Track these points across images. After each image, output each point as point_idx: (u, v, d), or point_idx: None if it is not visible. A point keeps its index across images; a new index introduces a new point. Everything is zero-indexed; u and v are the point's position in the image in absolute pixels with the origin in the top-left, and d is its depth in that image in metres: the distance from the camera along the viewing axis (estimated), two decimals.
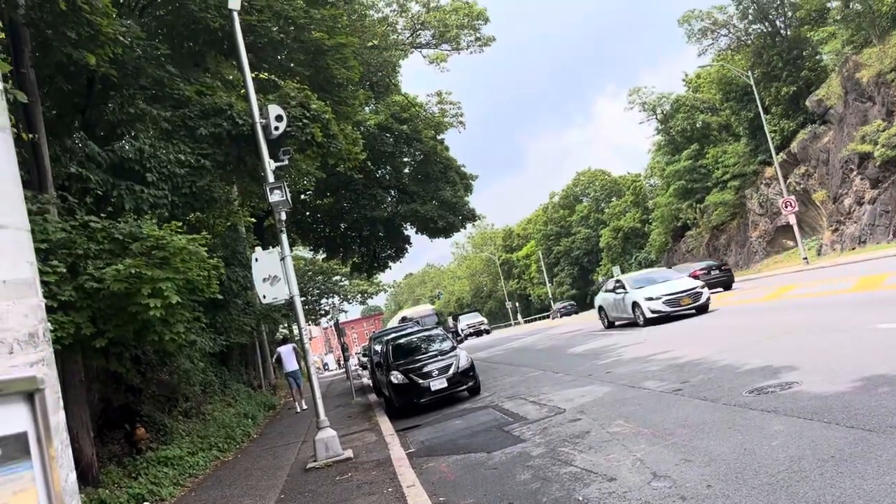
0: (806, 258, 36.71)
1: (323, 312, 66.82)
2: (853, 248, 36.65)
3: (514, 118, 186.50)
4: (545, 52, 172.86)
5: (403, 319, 45.77)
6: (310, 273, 57.32)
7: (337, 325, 32.45)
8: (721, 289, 29.75)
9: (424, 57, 32.96)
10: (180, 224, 10.84)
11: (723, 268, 32.01)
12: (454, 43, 31.43)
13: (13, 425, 1.83)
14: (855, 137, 37.28)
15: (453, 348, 16.62)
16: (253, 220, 29.31)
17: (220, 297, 12.01)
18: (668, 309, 20.83)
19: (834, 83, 41.11)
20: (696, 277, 25.60)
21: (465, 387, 15.53)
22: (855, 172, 38.07)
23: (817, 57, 46.36)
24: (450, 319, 66.07)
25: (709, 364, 11.48)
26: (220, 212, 16.33)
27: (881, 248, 33.39)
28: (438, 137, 34.87)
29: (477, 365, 16.75)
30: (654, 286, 22.03)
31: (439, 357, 15.97)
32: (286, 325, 41.94)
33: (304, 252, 46.08)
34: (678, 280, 22.48)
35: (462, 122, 36.64)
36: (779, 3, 48.69)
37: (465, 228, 46.72)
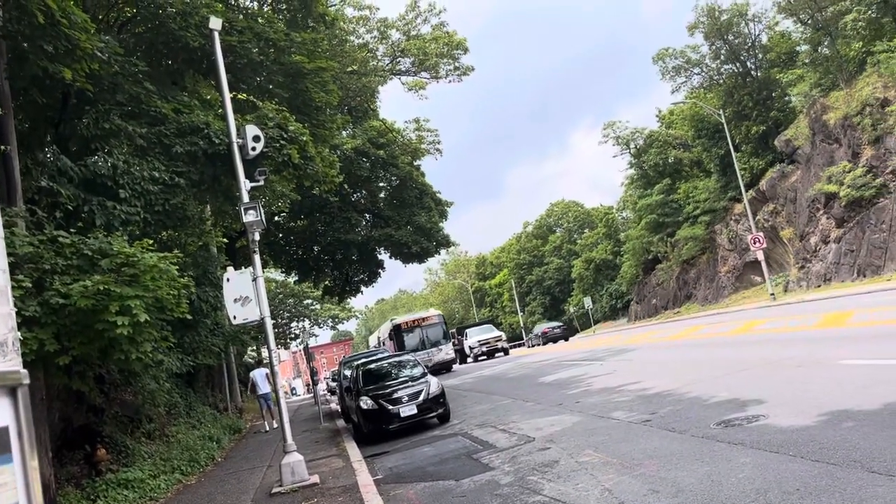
0: (773, 294, 37.31)
1: (293, 336, 66.22)
2: (819, 286, 37.32)
3: (491, 147, 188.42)
4: (524, 84, 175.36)
5: (397, 330, 37.84)
6: (281, 296, 56.86)
7: (306, 349, 32.14)
8: (563, 341, 50.08)
9: (403, 84, 33.23)
10: (152, 242, 10.73)
11: (562, 327, 54.16)
12: (433, 71, 31.72)
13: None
14: (821, 178, 38.17)
15: (424, 374, 16.53)
16: (225, 240, 29.06)
17: (189, 316, 11.84)
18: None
19: (802, 124, 42.15)
20: (544, 333, 51.77)
21: (434, 414, 15.43)
22: (821, 212, 38.90)
23: (786, 98, 47.52)
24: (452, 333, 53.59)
25: (677, 396, 11.56)
26: (192, 230, 16.18)
27: (845, 286, 34.07)
28: (415, 163, 35.05)
29: (447, 392, 16.68)
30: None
31: (410, 383, 15.87)
32: (255, 347, 41.46)
33: (276, 274, 45.75)
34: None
35: (439, 149, 36.90)
36: (750, 44, 50.00)
37: (438, 255, 46.84)
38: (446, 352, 37.89)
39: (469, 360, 45.38)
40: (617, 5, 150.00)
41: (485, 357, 43.70)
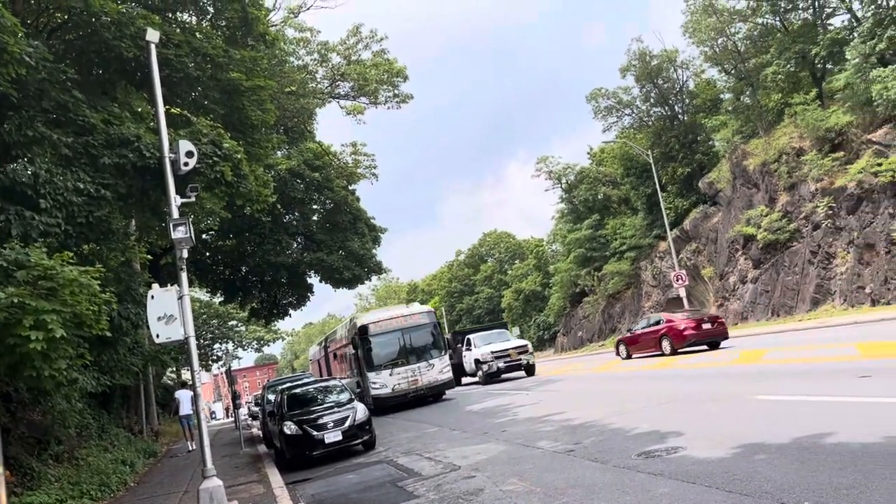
0: None
1: (215, 358, 64.39)
2: (736, 324, 38.79)
3: (429, 175, 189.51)
4: (465, 114, 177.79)
5: (363, 334, 24.65)
6: (204, 316, 55.33)
7: (229, 371, 31.29)
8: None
9: (342, 108, 33.19)
10: (72, 255, 10.33)
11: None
12: (373, 97, 31.83)
13: None
14: (741, 220, 39.93)
15: (350, 400, 16.32)
16: (149, 256, 28.19)
17: (108, 334, 11.41)
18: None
19: (724, 168, 44.09)
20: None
21: (360, 440, 15.23)
22: (740, 252, 40.61)
23: (710, 143, 49.68)
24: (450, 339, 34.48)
25: (600, 427, 11.78)
26: (116, 245, 15.62)
27: (761, 325, 35.55)
28: (350, 188, 34.92)
29: (373, 419, 16.51)
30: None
31: (336, 409, 15.65)
32: (174, 368, 40.08)
33: (201, 294, 44.50)
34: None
35: (375, 174, 36.91)
36: (678, 90, 52.20)
37: (370, 280, 46.53)
38: (440, 368, 24.60)
39: (475, 378, 30.20)
40: (559, 43, 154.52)
41: (500, 376, 29.11)
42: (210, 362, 63.55)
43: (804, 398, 10.84)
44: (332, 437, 14.77)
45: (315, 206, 34.98)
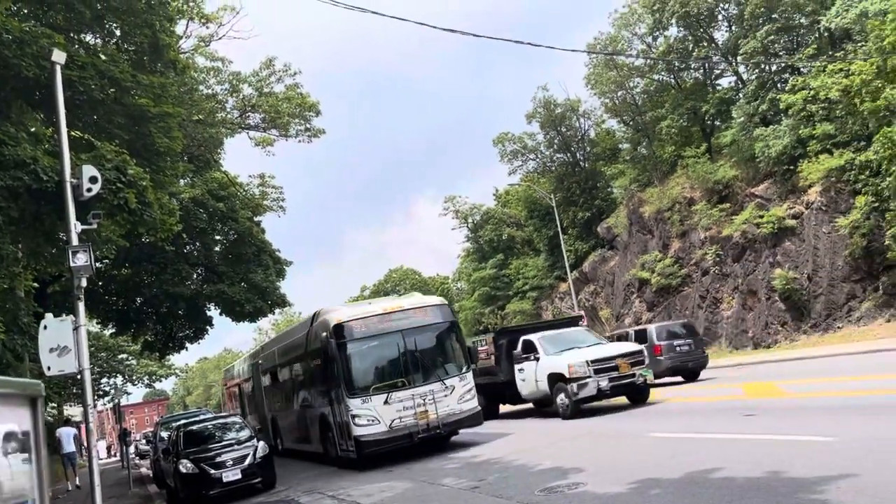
0: None
1: (101, 393, 60.88)
2: None
3: (336, 209, 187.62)
4: (377, 150, 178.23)
5: (338, 334, 15.15)
6: (93, 349, 52.44)
7: (117, 407, 29.79)
8: None
9: (251, 139, 32.74)
10: None
11: None
12: (283, 129, 31.57)
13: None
14: (636, 264, 41.83)
15: (251, 437, 15.88)
16: (35, 284, 26.60)
17: None
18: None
19: (621, 214, 46.20)
20: None
21: (260, 479, 14.83)
22: (635, 295, 42.43)
23: (609, 189, 51.97)
24: (481, 341, 21.72)
25: (504, 463, 12.00)
26: (2, 272, 14.73)
27: None
28: (256, 219, 34.25)
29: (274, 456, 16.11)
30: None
31: (235, 446, 15.19)
32: (56, 404, 37.67)
33: (91, 325, 42.23)
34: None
35: (283, 206, 36.38)
36: (580, 138, 54.55)
37: (273, 314, 45.45)
38: (462, 393, 15.55)
39: (560, 407, 17.50)
40: (469, 86, 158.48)
41: (600, 399, 17.60)
42: (96, 398, 60.08)
43: (695, 435, 11.44)
44: (231, 475, 14.33)
45: (218, 237, 34.04)
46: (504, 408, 21.35)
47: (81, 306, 10.62)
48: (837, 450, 8.67)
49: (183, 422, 19.47)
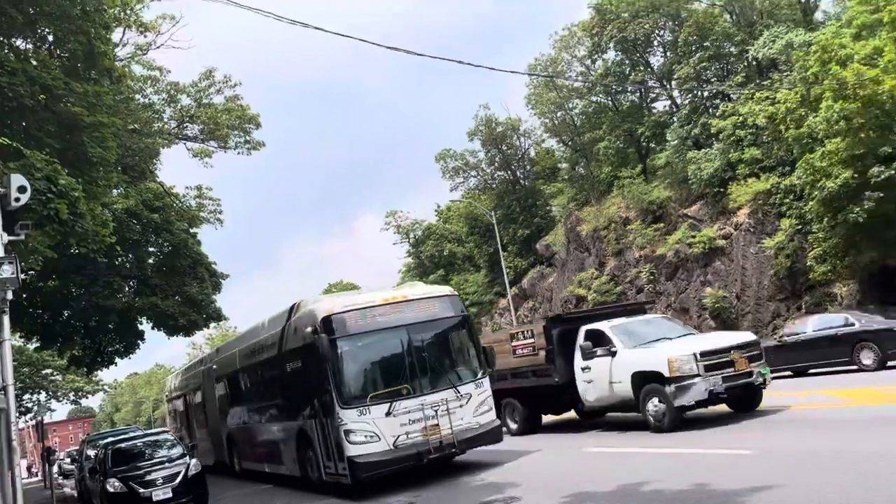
0: None
1: (24, 410, 58.31)
2: None
3: (276, 222, 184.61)
4: (315, 164, 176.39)
5: (328, 327, 12.31)
6: (15, 363, 50.22)
7: (40, 425, 28.63)
8: None
9: (189, 150, 32.11)
10: None
11: None
12: (222, 141, 31.08)
13: None
14: (573, 281, 42.61)
15: (183, 455, 15.50)
16: None
17: None
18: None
19: (559, 232, 47.06)
20: None
21: (192, 497, 14.48)
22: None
23: (548, 208, 52.87)
24: (523, 332, 17.04)
25: (444, 478, 12.04)
26: None
27: None
28: (192, 231, 33.55)
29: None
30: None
31: (167, 464, 14.82)
32: None
33: (14, 339, 40.47)
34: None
35: (220, 218, 35.70)
36: (520, 156, 55.46)
37: (207, 328, 44.41)
38: (479, 402, 13.07)
39: (652, 416, 13.24)
40: (417, 100, 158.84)
41: (706, 406, 13.36)
42: (18, 415, 57.48)
43: (626, 450, 11.75)
44: (161, 494, 13.97)
45: (152, 249, 33.19)
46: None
47: (6, 320, 10.26)
48: (759, 463, 9.04)
49: (111, 439, 18.88)
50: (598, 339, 14.47)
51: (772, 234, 31.03)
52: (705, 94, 37.30)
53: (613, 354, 13.94)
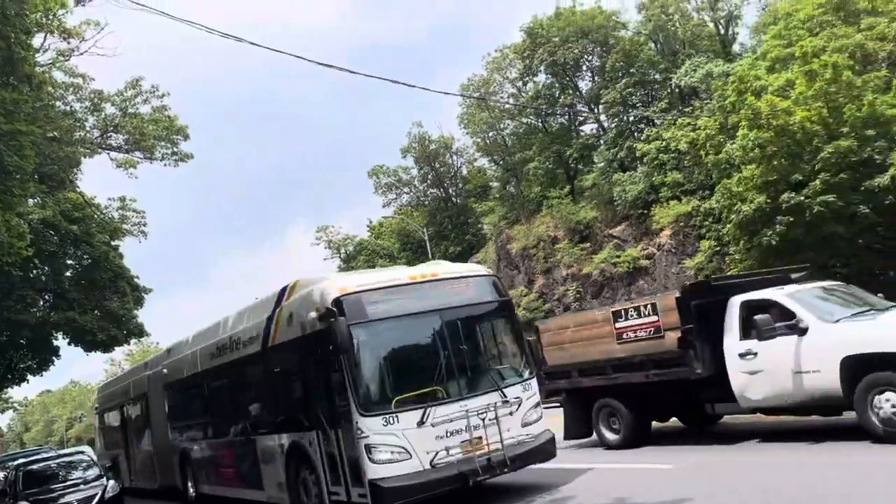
0: None
1: None
2: None
3: (205, 235, 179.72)
4: (244, 178, 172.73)
5: (340, 306, 9.09)
6: None
7: None
8: None
9: (113, 160, 31.09)
10: None
11: None
12: (149, 152, 30.26)
13: None
14: None
15: (99, 476, 14.97)
16: None
17: None
18: None
19: (490, 250, 47.66)
20: None
21: None
22: None
23: (479, 225, 53.51)
24: (641, 308, 11.85)
25: None
26: None
27: None
28: (114, 243, 32.49)
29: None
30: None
31: (82, 486, 14.30)
32: None
33: None
34: None
35: (144, 231, 34.62)
36: (452, 174, 56.05)
37: (128, 344, 42.96)
38: (528, 408, 10.09)
39: (880, 421, 8.77)
40: (350, 115, 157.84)
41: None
42: None
43: (552, 466, 11.95)
44: None
45: (70, 261, 31.98)
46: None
47: None
48: (676, 477, 9.39)
49: (22, 460, 18.09)
50: (775, 312, 10.23)
51: (692, 254, 32.27)
52: (631, 118, 38.62)
53: (802, 332, 9.77)
